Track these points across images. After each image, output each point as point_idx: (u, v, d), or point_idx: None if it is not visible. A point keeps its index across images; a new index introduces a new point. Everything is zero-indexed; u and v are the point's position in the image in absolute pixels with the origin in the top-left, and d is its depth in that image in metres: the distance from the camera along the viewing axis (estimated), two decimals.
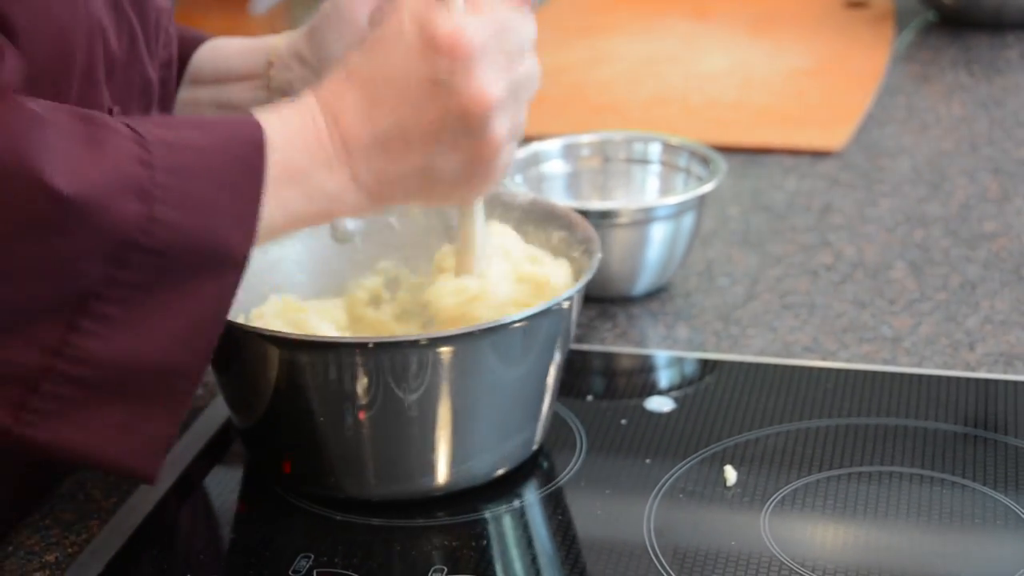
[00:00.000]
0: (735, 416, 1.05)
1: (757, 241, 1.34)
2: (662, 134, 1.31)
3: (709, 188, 1.22)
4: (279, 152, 0.83)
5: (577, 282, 0.96)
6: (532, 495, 0.97)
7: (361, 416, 0.92)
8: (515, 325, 0.91)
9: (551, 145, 1.31)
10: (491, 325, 0.91)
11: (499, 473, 0.97)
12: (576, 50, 1.86)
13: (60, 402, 0.79)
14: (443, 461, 0.94)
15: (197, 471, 1.01)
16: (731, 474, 0.98)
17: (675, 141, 1.30)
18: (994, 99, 1.67)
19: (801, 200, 1.42)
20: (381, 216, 1.07)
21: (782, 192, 1.44)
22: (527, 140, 1.31)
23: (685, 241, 1.23)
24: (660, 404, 1.07)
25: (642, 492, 0.96)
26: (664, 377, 1.14)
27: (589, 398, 1.08)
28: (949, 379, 1.09)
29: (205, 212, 0.80)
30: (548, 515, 0.96)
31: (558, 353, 0.97)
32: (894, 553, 0.91)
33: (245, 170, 0.82)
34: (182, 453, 1.02)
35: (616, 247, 1.19)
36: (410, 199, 0.89)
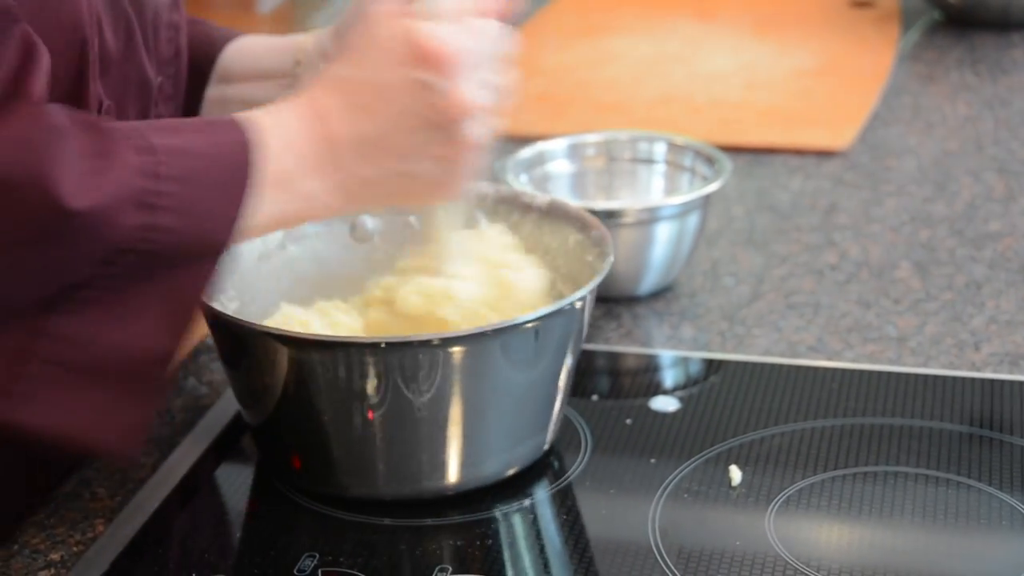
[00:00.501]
0: (740, 416, 1.05)
1: (762, 241, 1.33)
2: (667, 134, 1.31)
3: (714, 188, 1.22)
4: (271, 154, 0.85)
5: (590, 282, 0.96)
6: (537, 494, 0.97)
7: (371, 416, 0.92)
8: (527, 325, 0.92)
9: (556, 145, 1.31)
10: (503, 325, 0.91)
11: (510, 473, 0.97)
12: (581, 50, 1.86)
13: (42, 384, 0.80)
14: (453, 462, 0.94)
15: (203, 470, 1.01)
16: (736, 474, 0.98)
17: (680, 141, 1.30)
18: (1000, 99, 1.66)
19: (806, 200, 1.42)
20: (401, 215, 1.08)
21: (787, 192, 1.44)
22: (532, 140, 1.31)
23: (690, 241, 1.23)
24: (665, 404, 1.07)
25: (647, 492, 0.96)
26: (669, 377, 1.14)
27: (594, 398, 1.08)
28: (954, 379, 1.08)
29: (201, 216, 0.82)
30: (553, 514, 0.96)
31: (570, 355, 0.97)
32: (900, 553, 0.91)
33: (238, 173, 0.84)
34: (188, 451, 1.02)
35: (621, 247, 1.19)
36: (384, 202, 0.93)
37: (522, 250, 1.03)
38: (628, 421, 1.04)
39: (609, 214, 1.19)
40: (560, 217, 1.05)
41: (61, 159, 0.78)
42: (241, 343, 0.95)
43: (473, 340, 0.91)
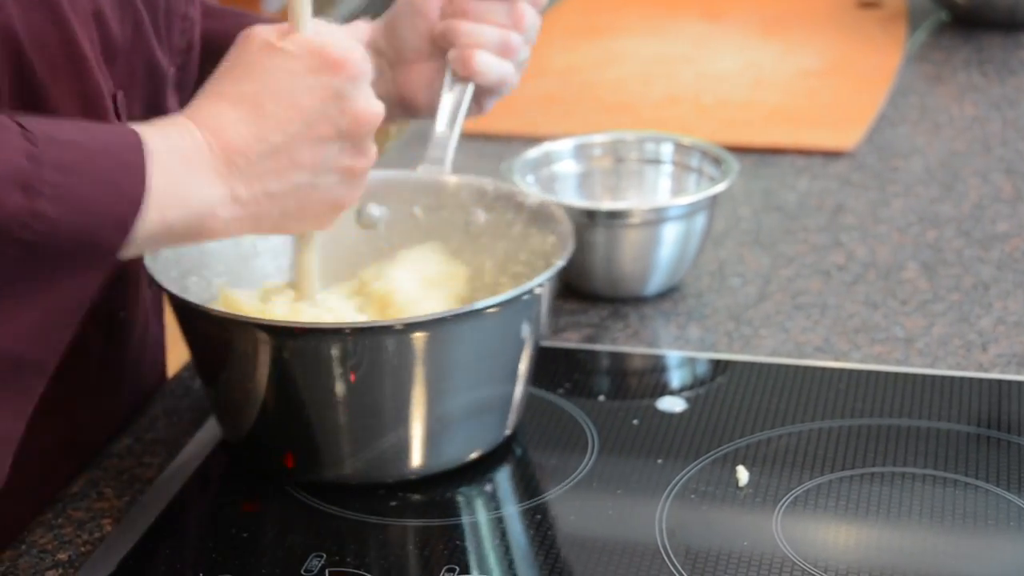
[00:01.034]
0: (747, 416, 1.05)
1: (769, 241, 1.33)
2: (674, 134, 1.31)
3: (721, 188, 1.21)
4: (159, 160, 0.83)
5: (549, 269, 0.97)
6: (544, 495, 0.97)
7: (339, 399, 0.93)
8: (489, 311, 0.93)
9: (563, 145, 1.31)
10: (465, 310, 0.93)
11: (472, 457, 0.98)
12: (587, 50, 1.86)
13: None
14: (417, 443, 0.96)
15: (209, 470, 1.01)
16: (743, 474, 0.98)
17: (687, 141, 1.30)
18: (1007, 99, 1.66)
19: (813, 200, 1.42)
20: (406, 206, 1.09)
21: (794, 192, 1.44)
22: (538, 140, 1.31)
23: (697, 241, 1.23)
24: (672, 404, 1.07)
25: (654, 492, 0.96)
26: (676, 377, 1.14)
27: (601, 398, 1.08)
28: (962, 380, 1.08)
29: (85, 211, 0.80)
30: (560, 515, 0.96)
31: (530, 341, 0.99)
32: (907, 554, 0.91)
33: (124, 172, 0.82)
34: (195, 452, 1.02)
35: (628, 247, 1.19)
36: (282, 219, 0.90)
37: (456, 271, 1.04)
38: (635, 421, 1.04)
39: (616, 214, 1.19)
40: (546, 218, 1.06)
41: None
42: (209, 332, 0.96)
43: (434, 325, 0.93)
